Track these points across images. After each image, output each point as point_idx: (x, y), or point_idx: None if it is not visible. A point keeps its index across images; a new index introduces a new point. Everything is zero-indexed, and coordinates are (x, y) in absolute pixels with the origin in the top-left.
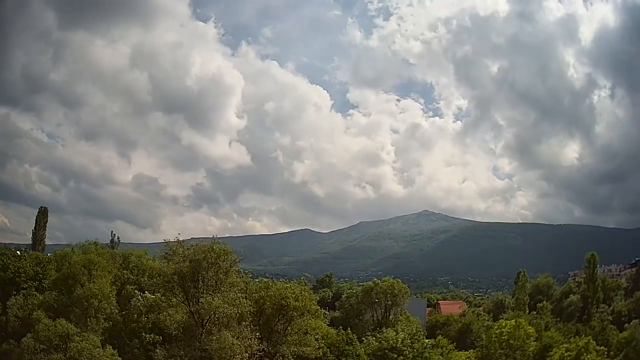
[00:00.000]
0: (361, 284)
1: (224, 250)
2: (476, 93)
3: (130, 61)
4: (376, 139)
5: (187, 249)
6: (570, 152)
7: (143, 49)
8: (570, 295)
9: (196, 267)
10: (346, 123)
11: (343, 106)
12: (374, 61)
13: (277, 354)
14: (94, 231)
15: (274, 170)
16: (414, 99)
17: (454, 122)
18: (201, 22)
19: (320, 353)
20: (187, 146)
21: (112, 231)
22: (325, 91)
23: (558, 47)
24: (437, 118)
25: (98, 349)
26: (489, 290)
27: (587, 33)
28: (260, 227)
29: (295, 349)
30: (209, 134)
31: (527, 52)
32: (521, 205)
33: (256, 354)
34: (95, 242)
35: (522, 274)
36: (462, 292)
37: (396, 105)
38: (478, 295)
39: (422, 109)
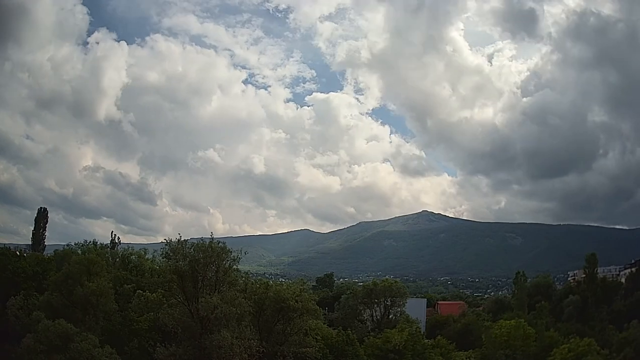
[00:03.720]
0: (361, 284)
1: (224, 249)
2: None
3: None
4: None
5: (187, 248)
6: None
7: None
8: (570, 295)
9: (195, 267)
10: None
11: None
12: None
13: (277, 355)
14: (77, 227)
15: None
16: (302, 62)
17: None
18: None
19: (320, 353)
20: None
21: (112, 232)
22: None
23: None
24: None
25: (97, 348)
26: (488, 290)
27: None
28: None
29: (295, 350)
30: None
31: None
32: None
33: (255, 354)
34: (94, 242)
35: (521, 274)
36: (462, 292)
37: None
38: (478, 295)
39: (312, 78)
